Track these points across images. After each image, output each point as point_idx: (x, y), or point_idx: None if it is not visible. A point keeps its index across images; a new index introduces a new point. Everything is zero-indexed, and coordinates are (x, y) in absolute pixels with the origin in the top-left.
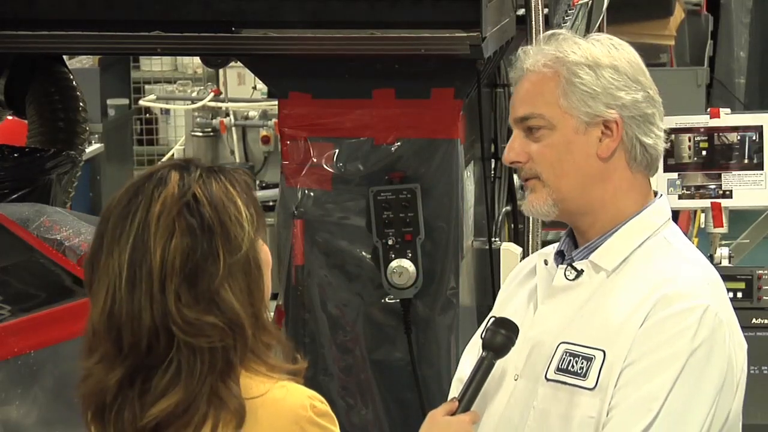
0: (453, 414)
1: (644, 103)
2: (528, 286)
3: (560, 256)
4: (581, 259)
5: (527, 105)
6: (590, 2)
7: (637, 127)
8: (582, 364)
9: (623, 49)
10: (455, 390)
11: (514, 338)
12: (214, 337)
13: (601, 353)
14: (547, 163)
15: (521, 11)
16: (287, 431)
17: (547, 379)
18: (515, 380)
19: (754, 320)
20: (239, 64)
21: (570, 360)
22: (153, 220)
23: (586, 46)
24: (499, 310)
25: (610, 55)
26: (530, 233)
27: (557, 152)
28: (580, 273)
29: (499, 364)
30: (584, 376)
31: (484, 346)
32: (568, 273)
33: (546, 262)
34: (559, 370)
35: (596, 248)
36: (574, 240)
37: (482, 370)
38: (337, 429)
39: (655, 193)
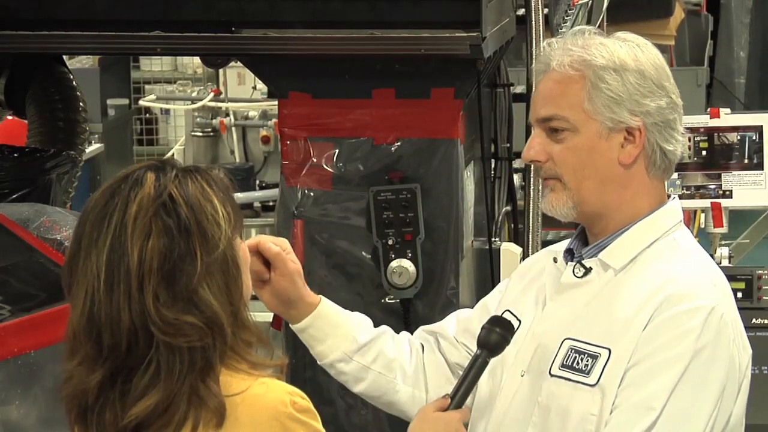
0: (444, 410)
1: (667, 109)
2: (538, 283)
3: (569, 254)
4: (590, 257)
5: (551, 106)
6: (590, 2)
7: (658, 134)
8: (587, 361)
9: (648, 50)
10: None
11: (509, 337)
12: (193, 336)
13: (607, 351)
14: (569, 166)
15: (521, 11)
16: (267, 427)
17: (551, 375)
18: (521, 376)
19: (754, 320)
20: (239, 64)
21: (575, 357)
22: (130, 221)
23: (613, 47)
24: (509, 304)
25: (636, 58)
26: (530, 233)
27: (579, 156)
28: (588, 270)
29: (506, 359)
30: (588, 373)
31: (479, 345)
32: (576, 270)
33: (555, 260)
34: (563, 366)
35: (606, 246)
36: (583, 238)
37: (476, 369)
38: (319, 425)
39: (668, 196)
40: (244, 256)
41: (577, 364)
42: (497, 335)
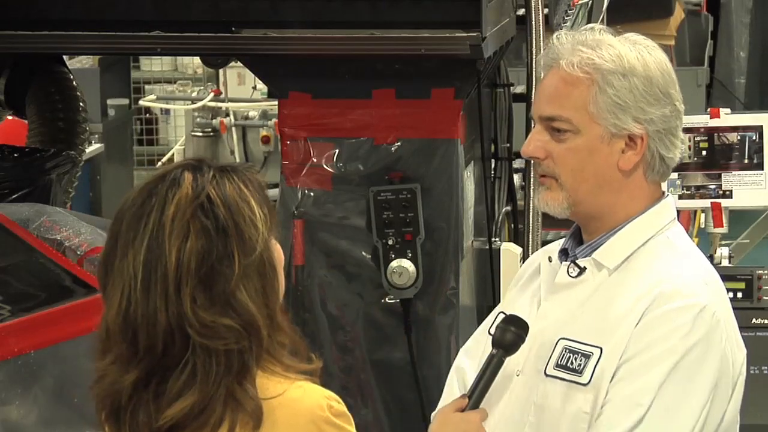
0: (462, 410)
1: (671, 117)
2: (533, 283)
3: (564, 254)
4: (584, 257)
5: (555, 105)
6: (590, 2)
7: (659, 141)
8: (580, 361)
9: (657, 55)
10: (455, 380)
11: (524, 336)
12: (230, 339)
13: (599, 350)
14: (568, 167)
15: (521, 11)
16: (305, 431)
17: (546, 375)
18: (516, 376)
19: (754, 320)
20: (239, 64)
21: (569, 356)
22: (167, 222)
23: (622, 50)
24: (507, 304)
25: (645, 63)
26: (530, 233)
27: (580, 158)
28: (582, 270)
29: None
30: (580, 372)
31: (494, 344)
32: (571, 270)
33: (550, 259)
34: (557, 366)
35: (599, 246)
36: (578, 237)
37: (492, 367)
38: (353, 429)
39: (662, 192)
40: (279, 256)
41: (571, 363)
42: (512, 334)
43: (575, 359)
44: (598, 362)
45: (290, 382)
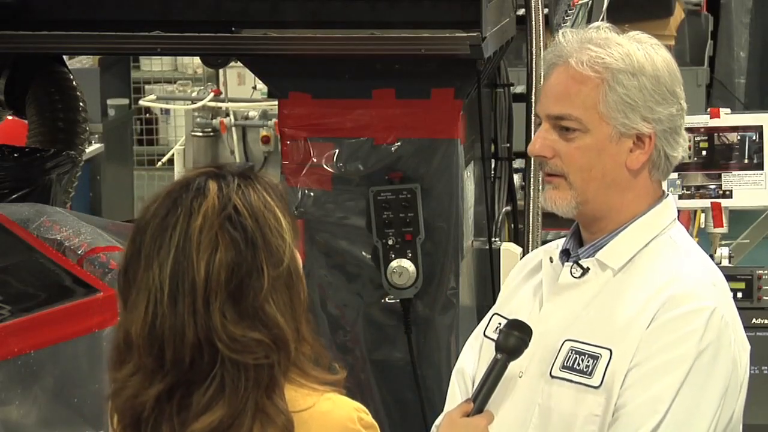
0: (468, 415)
1: (677, 116)
2: (532, 282)
3: (565, 255)
4: (587, 257)
5: (564, 104)
6: (590, 2)
7: (665, 140)
8: (588, 362)
9: (661, 53)
10: (457, 383)
11: (527, 340)
12: (260, 353)
13: (608, 352)
14: (577, 166)
15: (521, 11)
16: None
17: (552, 377)
18: (519, 377)
19: (754, 320)
20: (239, 64)
21: (576, 358)
22: (194, 234)
23: (631, 49)
24: (502, 305)
25: (653, 62)
26: (530, 233)
27: (588, 157)
28: (586, 271)
29: None
30: (590, 374)
31: (498, 348)
32: (574, 271)
33: (551, 260)
34: (564, 367)
35: (603, 246)
36: (578, 238)
37: (495, 372)
38: None
39: (663, 192)
40: (300, 265)
41: (578, 365)
42: (516, 338)
43: (582, 360)
44: (608, 364)
45: (318, 394)
